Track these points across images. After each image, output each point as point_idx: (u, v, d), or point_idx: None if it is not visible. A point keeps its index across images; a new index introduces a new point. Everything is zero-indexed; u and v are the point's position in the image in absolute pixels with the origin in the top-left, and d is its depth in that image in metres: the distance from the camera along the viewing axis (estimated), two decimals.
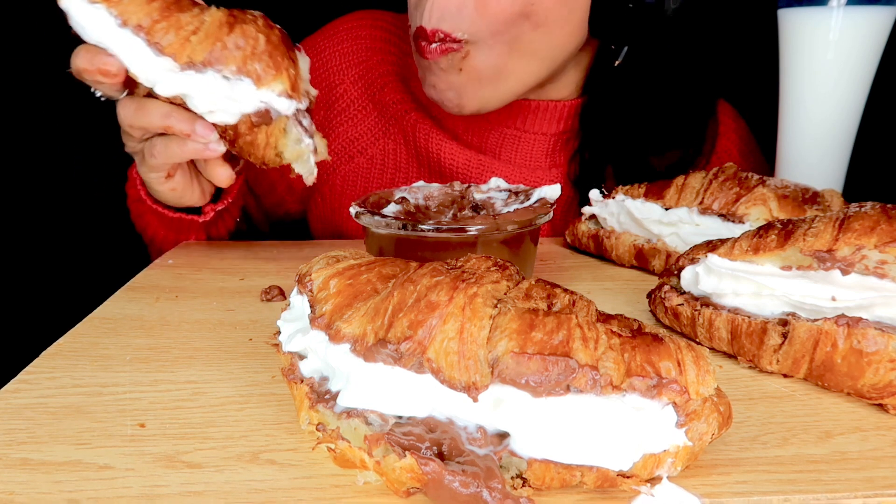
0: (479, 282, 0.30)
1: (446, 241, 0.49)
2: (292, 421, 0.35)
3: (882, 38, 0.64)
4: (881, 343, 0.36)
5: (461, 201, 0.56)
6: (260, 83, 0.47)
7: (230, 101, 0.47)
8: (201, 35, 0.46)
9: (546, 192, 0.54)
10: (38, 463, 0.31)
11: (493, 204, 0.56)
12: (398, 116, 0.77)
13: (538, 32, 0.63)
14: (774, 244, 0.41)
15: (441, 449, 0.28)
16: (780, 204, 0.55)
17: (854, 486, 0.29)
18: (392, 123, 0.78)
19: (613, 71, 0.72)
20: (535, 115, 0.75)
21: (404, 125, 0.77)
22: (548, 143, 0.77)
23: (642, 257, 0.60)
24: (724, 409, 0.30)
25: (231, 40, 0.47)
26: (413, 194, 0.56)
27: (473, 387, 0.27)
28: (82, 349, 0.43)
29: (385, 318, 0.30)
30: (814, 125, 0.68)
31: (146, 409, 0.36)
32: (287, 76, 0.48)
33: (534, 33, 0.63)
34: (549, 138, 0.77)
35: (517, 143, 0.77)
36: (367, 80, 0.78)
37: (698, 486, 0.29)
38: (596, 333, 0.28)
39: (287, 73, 0.48)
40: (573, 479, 0.28)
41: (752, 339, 0.41)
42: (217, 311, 0.50)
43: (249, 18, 0.49)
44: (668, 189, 0.60)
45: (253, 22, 0.48)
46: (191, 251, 0.66)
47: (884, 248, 0.37)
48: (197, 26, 0.47)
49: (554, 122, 0.76)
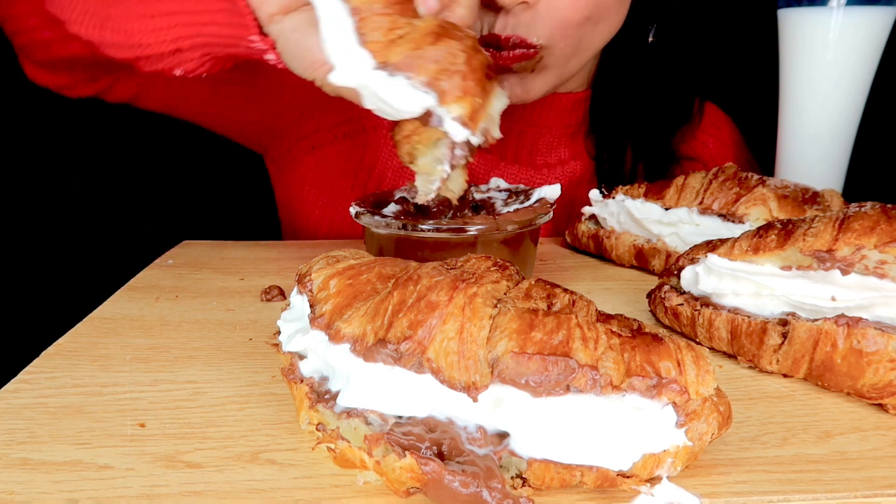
0: (479, 282, 0.30)
1: (446, 241, 0.49)
2: (292, 421, 0.35)
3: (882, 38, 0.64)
4: (881, 343, 0.36)
5: (461, 201, 0.56)
6: (443, 100, 0.45)
7: (404, 107, 0.46)
8: (406, 39, 0.45)
9: (546, 193, 0.54)
10: (38, 463, 0.31)
11: (493, 204, 0.56)
12: None
13: (597, 29, 0.66)
14: (774, 244, 0.41)
15: (441, 449, 0.28)
16: (779, 204, 0.55)
17: (854, 486, 0.29)
18: None
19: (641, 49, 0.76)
20: (541, 109, 0.76)
21: None
22: (552, 136, 0.78)
23: (642, 257, 0.60)
24: (724, 409, 0.30)
25: (431, 52, 0.45)
26: (413, 194, 0.56)
27: (473, 387, 0.27)
28: (82, 349, 0.43)
29: (385, 318, 0.30)
30: (814, 125, 0.68)
31: (146, 408, 0.36)
32: (471, 103, 0.46)
33: (594, 30, 0.66)
34: (554, 132, 0.78)
35: (521, 138, 0.77)
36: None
37: (698, 486, 0.29)
38: (596, 333, 0.28)
39: (471, 101, 0.46)
40: (573, 479, 0.28)
41: (751, 339, 0.41)
42: (217, 311, 0.50)
43: (459, 35, 0.46)
44: (667, 189, 0.60)
45: (461, 39, 0.46)
46: (191, 251, 0.66)
47: (884, 248, 0.37)
48: (407, 32, 0.45)
49: (560, 115, 0.77)
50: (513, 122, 0.76)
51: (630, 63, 0.76)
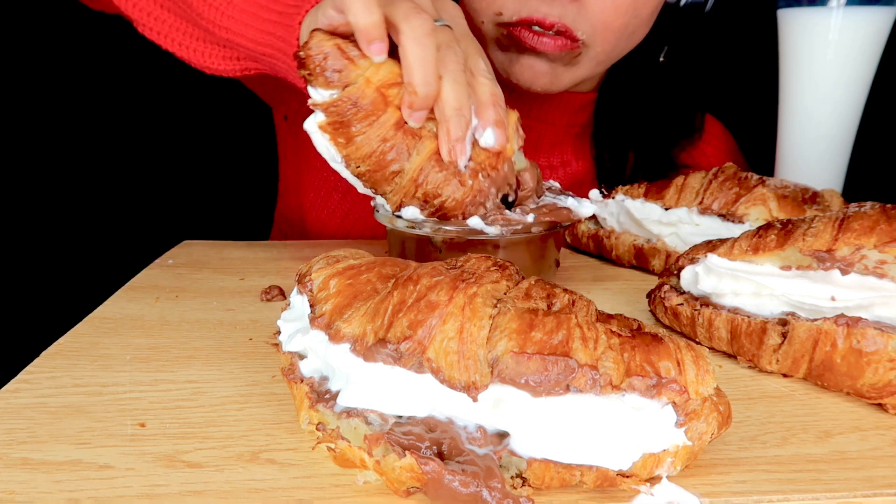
0: (479, 282, 0.30)
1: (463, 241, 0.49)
2: (292, 421, 0.35)
3: (882, 38, 0.64)
4: (880, 343, 0.36)
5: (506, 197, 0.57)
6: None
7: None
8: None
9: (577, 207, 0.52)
10: (39, 462, 0.31)
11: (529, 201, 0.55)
12: None
13: (630, 40, 0.68)
14: (774, 244, 0.41)
15: (441, 448, 0.28)
16: (779, 204, 0.55)
17: (854, 486, 0.29)
18: None
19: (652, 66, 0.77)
20: (549, 104, 0.76)
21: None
22: (559, 134, 0.78)
23: (642, 257, 0.60)
24: (724, 409, 0.30)
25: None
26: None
27: (473, 386, 0.27)
28: (82, 349, 0.43)
29: (385, 317, 0.30)
30: (814, 125, 0.68)
31: (146, 408, 0.36)
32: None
33: (626, 39, 0.67)
34: (558, 129, 0.78)
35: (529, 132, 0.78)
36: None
37: (698, 486, 0.29)
38: (595, 333, 0.29)
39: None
40: (573, 479, 0.28)
41: (751, 339, 0.41)
42: (217, 311, 0.50)
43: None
44: (667, 189, 0.60)
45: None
46: (191, 251, 0.66)
47: (883, 248, 0.37)
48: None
49: (567, 113, 0.77)
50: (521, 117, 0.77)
51: (637, 76, 0.78)
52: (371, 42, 0.44)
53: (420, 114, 0.45)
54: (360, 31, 0.44)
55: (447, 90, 0.45)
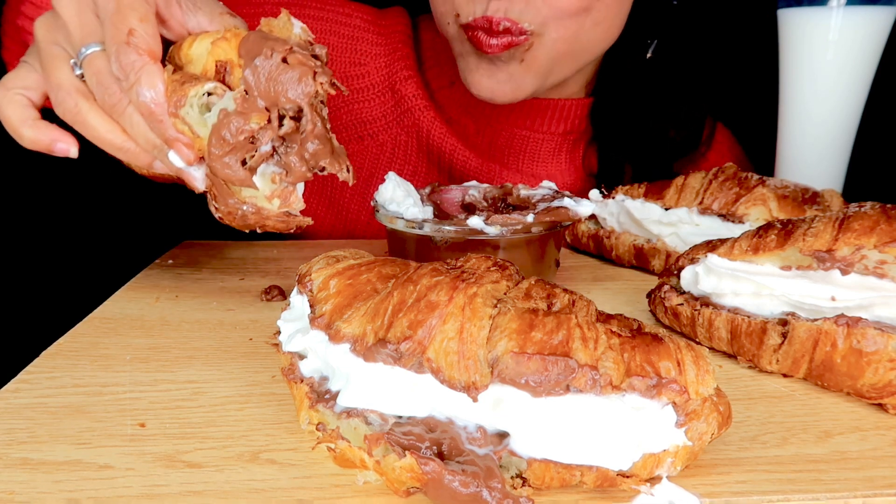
0: (479, 282, 0.30)
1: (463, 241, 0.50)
2: (292, 421, 0.35)
3: (882, 38, 0.64)
4: (881, 343, 0.36)
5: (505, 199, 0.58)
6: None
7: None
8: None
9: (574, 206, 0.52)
10: (39, 462, 0.31)
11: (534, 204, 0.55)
12: (414, 111, 0.78)
13: (596, 29, 0.65)
14: (774, 244, 0.41)
15: (441, 449, 0.28)
16: (779, 204, 0.55)
17: (854, 486, 0.29)
18: (407, 115, 0.78)
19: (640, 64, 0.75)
20: (543, 114, 0.76)
21: (419, 120, 0.77)
22: (554, 142, 0.78)
23: (642, 257, 0.60)
24: (724, 409, 0.30)
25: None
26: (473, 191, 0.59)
27: (473, 387, 0.27)
28: (82, 349, 0.43)
29: (385, 318, 0.30)
30: (814, 125, 0.68)
31: (146, 408, 0.36)
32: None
33: (592, 30, 0.64)
34: (556, 137, 0.78)
35: (525, 143, 0.77)
36: (393, 69, 0.78)
37: (698, 486, 0.29)
38: (596, 333, 0.29)
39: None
40: (573, 479, 0.28)
41: (751, 339, 0.41)
42: (217, 311, 0.50)
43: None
44: (667, 189, 0.60)
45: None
46: (191, 251, 0.66)
47: (883, 248, 0.37)
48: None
49: (562, 121, 0.77)
50: (515, 127, 0.77)
51: (628, 76, 0.76)
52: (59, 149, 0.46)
53: (172, 155, 0.42)
54: (30, 145, 0.45)
55: (131, 133, 0.42)
